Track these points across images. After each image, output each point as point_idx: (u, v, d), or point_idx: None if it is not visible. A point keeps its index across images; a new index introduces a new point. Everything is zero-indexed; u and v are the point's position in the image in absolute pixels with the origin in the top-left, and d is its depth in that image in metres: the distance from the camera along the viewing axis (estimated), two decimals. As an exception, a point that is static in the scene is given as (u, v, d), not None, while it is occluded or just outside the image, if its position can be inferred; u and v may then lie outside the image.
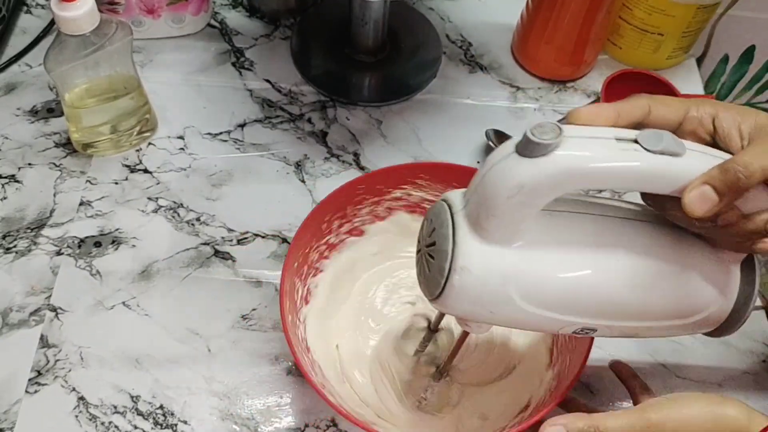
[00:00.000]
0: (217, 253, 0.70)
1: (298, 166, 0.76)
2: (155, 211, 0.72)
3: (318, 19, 0.89)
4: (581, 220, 0.44)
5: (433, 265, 0.43)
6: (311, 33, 0.88)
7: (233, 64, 0.84)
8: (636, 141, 0.39)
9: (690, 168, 0.39)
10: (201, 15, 0.85)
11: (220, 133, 0.79)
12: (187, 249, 0.70)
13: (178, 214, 0.72)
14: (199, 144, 0.77)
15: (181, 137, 0.78)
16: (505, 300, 0.42)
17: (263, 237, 0.71)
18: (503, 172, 0.39)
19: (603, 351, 0.66)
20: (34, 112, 0.78)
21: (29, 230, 0.70)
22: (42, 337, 0.64)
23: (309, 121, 0.80)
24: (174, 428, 0.60)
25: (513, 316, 0.43)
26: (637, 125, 0.43)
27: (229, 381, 0.63)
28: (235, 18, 0.89)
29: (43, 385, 0.62)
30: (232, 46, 0.86)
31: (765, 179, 0.39)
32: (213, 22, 0.88)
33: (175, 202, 0.73)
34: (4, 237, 0.70)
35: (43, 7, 0.88)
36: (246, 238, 0.71)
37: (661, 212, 0.45)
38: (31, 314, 0.65)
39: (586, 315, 0.44)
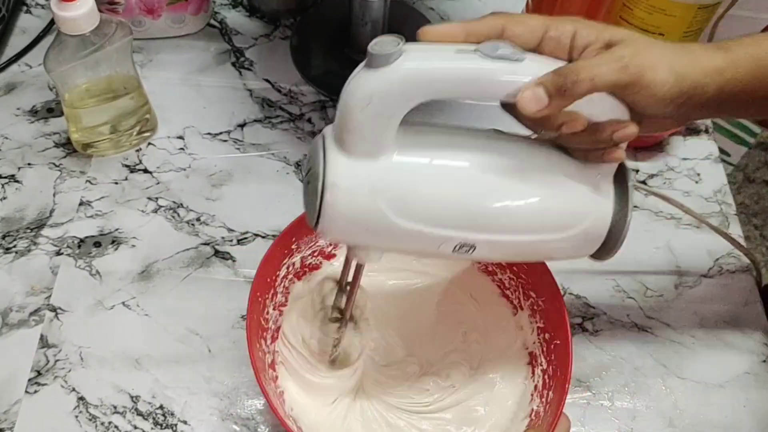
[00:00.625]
0: (217, 253, 0.70)
1: (298, 166, 0.76)
2: (155, 211, 0.72)
3: (318, 19, 0.89)
4: (449, 134, 0.45)
5: (310, 190, 0.44)
6: (311, 33, 0.88)
7: (233, 64, 0.84)
8: (476, 51, 0.41)
9: (528, 72, 0.41)
10: (201, 15, 0.85)
11: (220, 133, 0.79)
12: (187, 249, 0.70)
13: (178, 214, 0.72)
14: (198, 144, 0.77)
15: (180, 137, 0.78)
16: (378, 215, 0.43)
17: (263, 237, 0.71)
18: (353, 86, 0.41)
19: (604, 352, 0.66)
20: (33, 112, 0.78)
21: (29, 230, 0.70)
22: (42, 337, 0.64)
23: (309, 121, 0.80)
24: (174, 428, 0.60)
25: (390, 234, 0.44)
26: None
27: (229, 381, 0.63)
28: (234, 18, 0.89)
29: (43, 385, 0.62)
30: (231, 46, 0.86)
31: (594, 89, 0.40)
32: (213, 21, 0.88)
33: (174, 202, 0.73)
34: (3, 237, 0.70)
35: (42, 7, 0.88)
36: (246, 238, 0.71)
37: (518, 121, 0.45)
38: (31, 314, 0.65)
39: (459, 227, 0.44)
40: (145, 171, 0.75)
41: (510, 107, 0.44)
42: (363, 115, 0.41)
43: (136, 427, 0.60)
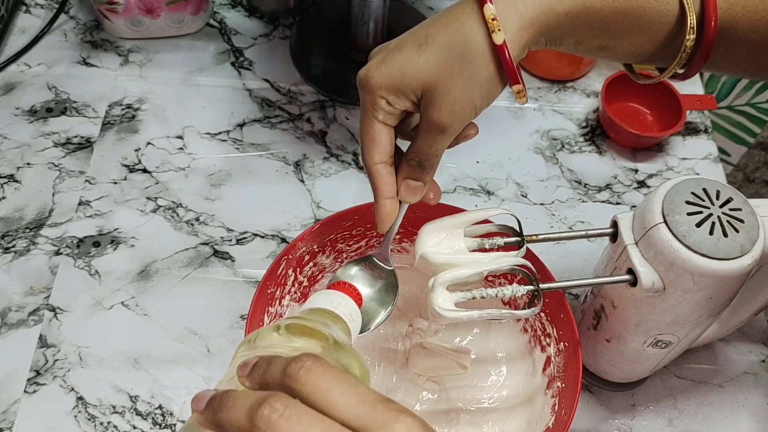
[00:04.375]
0: (216, 253, 0.70)
1: (298, 165, 0.76)
2: (154, 210, 0.72)
3: (317, 18, 0.89)
4: None
5: None
6: (310, 32, 0.88)
7: (232, 64, 0.84)
8: None
9: None
10: (200, 15, 0.85)
11: (219, 132, 0.78)
12: (186, 249, 0.70)
13: (177, 214, 0.72)
14: (198, 144, 0.77)
15: (180, 137, 0.78)
16: None
17: (262, 237, 0.71)
18: None
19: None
20: (32, 112, 0.78)
21: (28, 230, 0.70)
22: (41, 337, 0.64)
23: (308, 120, 0.80)
24: (173, 428, 0.60)
25: None
26: None
27: (228, 381, 0.63)
28: (234, 18, 0.89)
29: (42, 384, 0.62)
30: (231, 46, 0.86)
31: (439, 155, 0.47)
32: (212, 21, 0.88)
33: (174, 202, 0.73)
34: (2, 237, 0.69)
35: (42, 7, 0.88)
36: (245, 237, 0.71)
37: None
38: (30, 314, 0.65)
39: None
40: (144, 171, 0.75)
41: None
42: None
43: (135, 427, 0.60)
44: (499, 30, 0.41)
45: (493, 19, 0.41)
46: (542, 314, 0.59)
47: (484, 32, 0.41)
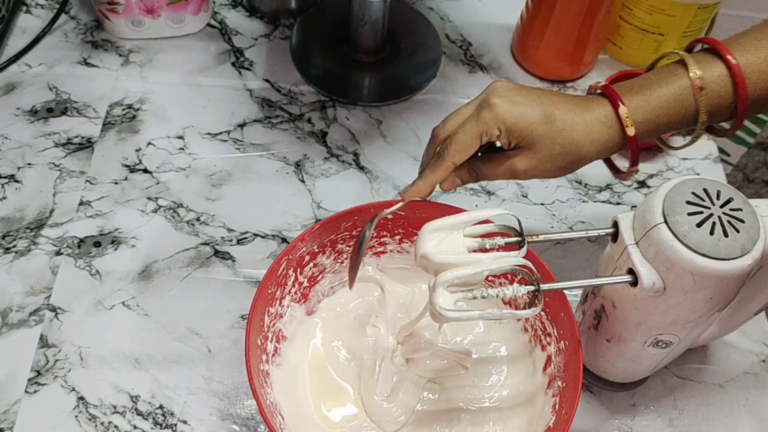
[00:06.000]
0: (216, 253, 0.70)
1: (298, 165, 0.76)
2: (155, 211, 0.72)
3: (318, 18, 0.89)
4: None
5: None
6: (311, 33, 0.88)
7: (233, 64, 0.84)
8: None
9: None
10: (201, 15, 0.85)
11: (220, 133, 0.79)
12: (187, 249, 0.70)
13: (178, 214, 0.72)
14: (198, 144, 0.77)
15: (180, 137, 0.78)
16: None
17: (263, 237, 0.71)
18: None
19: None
20: (33, 112, 0.78)
21: (29, 230, 0.70)
22: (41, 337, 0.64)
23: (309, 121, 0.80)
24: (174, 428, 0.60)
25: None
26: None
27: (229, 381, 0.63)
28: (234, 18, 0.89)
29: (43, 385, 0.62)
30: (231, 46, 0.86)
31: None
32: (213, 21, 0.88)
33: (174, 202, 0.73)
34: (3, 237, 0.70)
35: (42, 7, 0.88)
36: (246, 238, 0.71)
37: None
38: (31, 314, 0.65)
39: None
40: (145, 171, 0.75)
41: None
42: None
43: (135, 427, 0.60)
44: (631, 125, 0.53)
45: (626, 117, 0.53)
46: (543, 314, 0.59)
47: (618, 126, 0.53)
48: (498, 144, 0.55)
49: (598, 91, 0.55)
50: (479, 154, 0.55)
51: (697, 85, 0.51)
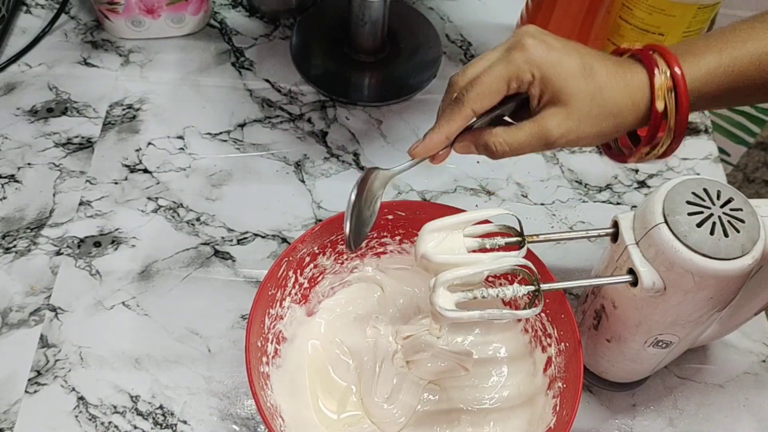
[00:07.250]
0: (216, 253, 0.70)
1: (298, 165, 0.76)
2: (155, 211, 0.72)
3: (318, 18, 0.89)
4: None
5: None
6: (311, 33, 0.88)
7: (233, 64, 0.84)
8: None
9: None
10: (200, 15, 0.85)
11: (220, 133, 0.79)
12: (187, 249, 0.70)
13: (178, 214, 0.72)
14: (198, 144, 0.77)
15: (180, 137, 0.78)
16: None
17: (263, 237, 0.71)
18: None
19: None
20: (33, 112, 0.78)
21: (29, 230, 0.70)
22: (42, 337, 0.64)
23: (309, 120, 0.80)
24: (174, 428, 0.60)
25: None
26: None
27: (229, 381, 0.63)
28: (234, 18, 0.89)
29: (43, 385, 0.62)
30: (231, 46, 0.86)
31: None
32: (213, 21, 0.88)
33: (174, 202, 0.73)
34: (3, 237, 0.70)
35: (42, 7, 0.88)
36: (246, 238, 0.71)
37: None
38: (31, 314, 0.65)
39: None
40: (145, 171, 0.75)
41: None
42: None
43: (135, 427, 0.60)
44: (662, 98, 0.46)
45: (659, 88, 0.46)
46: (543, 314, 0.59)
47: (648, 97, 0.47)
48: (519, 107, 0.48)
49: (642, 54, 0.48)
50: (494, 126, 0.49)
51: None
